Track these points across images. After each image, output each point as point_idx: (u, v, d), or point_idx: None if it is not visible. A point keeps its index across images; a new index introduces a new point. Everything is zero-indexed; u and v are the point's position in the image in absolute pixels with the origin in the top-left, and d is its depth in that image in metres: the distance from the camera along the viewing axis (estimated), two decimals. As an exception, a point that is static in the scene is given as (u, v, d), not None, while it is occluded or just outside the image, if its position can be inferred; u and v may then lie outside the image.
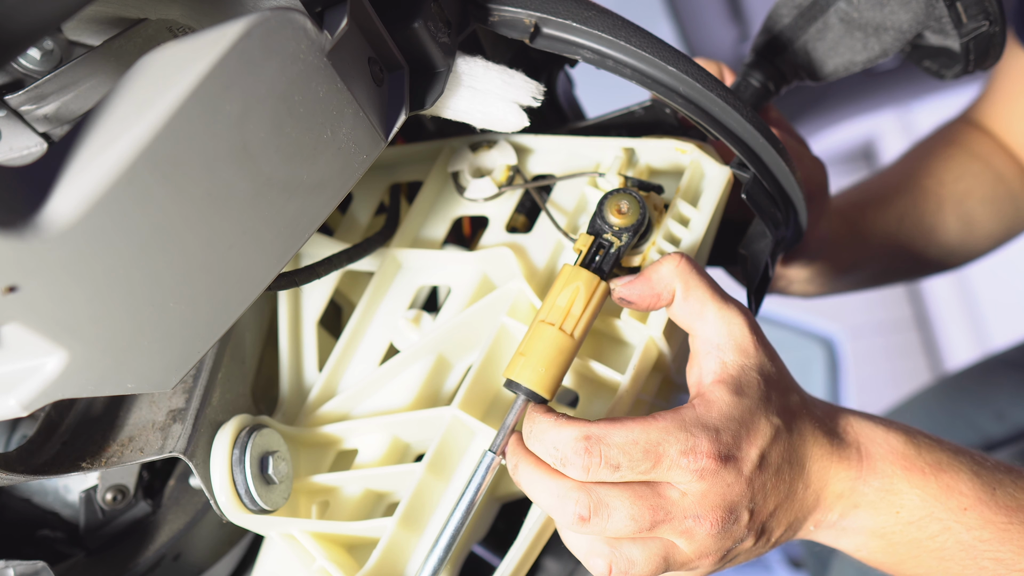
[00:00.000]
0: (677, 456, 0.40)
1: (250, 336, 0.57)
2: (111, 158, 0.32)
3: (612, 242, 0.48)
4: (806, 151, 0.65)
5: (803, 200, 0.54)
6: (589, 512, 0.41)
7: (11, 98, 0.47)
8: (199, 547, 0.56)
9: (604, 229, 0.48)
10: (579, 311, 0.45)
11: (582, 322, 0.45)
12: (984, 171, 0.85)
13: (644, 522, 0.41)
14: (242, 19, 0.35)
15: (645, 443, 0.40)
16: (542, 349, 0.44)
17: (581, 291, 0.46)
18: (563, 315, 0.45)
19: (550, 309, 0.45)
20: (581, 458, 0.40)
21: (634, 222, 0.48)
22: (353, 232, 0.61)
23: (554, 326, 0.45)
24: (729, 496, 0.42)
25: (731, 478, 0.41)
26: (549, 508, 0.42)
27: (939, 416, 1.06)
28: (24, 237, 0.30)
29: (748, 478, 0.42)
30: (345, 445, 0.55)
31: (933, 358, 2.36)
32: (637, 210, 0.48)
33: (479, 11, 0.49)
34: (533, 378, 0.44)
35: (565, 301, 0.45)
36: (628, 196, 0.49)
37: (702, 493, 0.41)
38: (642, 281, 0.46)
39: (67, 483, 0.56)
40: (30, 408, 0.34)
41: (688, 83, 0.48)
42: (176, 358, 0.39)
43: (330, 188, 0.42)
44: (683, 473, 0.41)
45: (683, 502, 0.41)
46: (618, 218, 0.48)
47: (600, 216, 0.48)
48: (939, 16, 0.57)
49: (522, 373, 0.44)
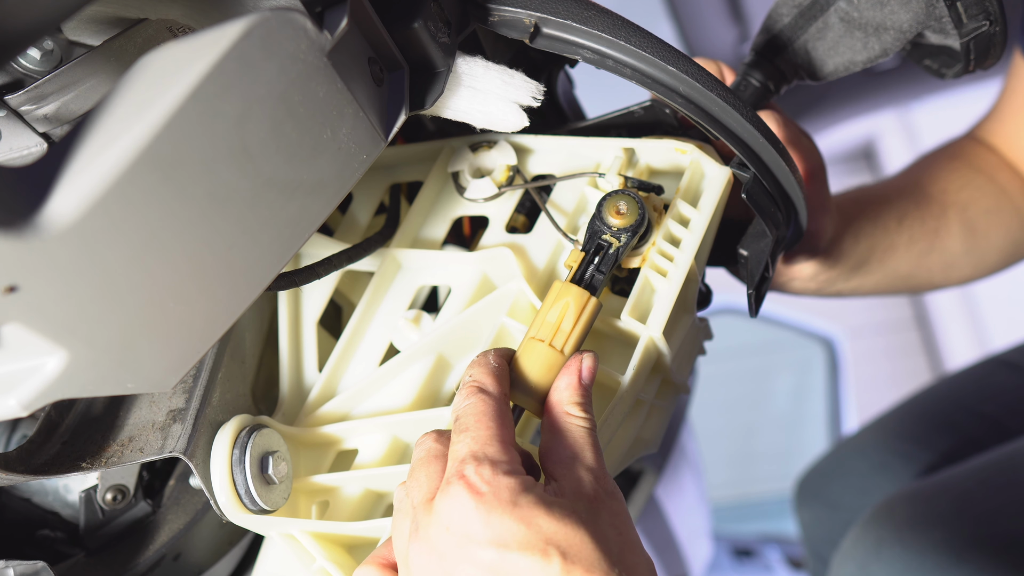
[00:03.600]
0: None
1: (250, 336, 0.57)
2: (111, 158, 0.32)
3: (611, 243, 0.48)
4: (802, 135, 0.64)
5: (803, 200, 0.54)
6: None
7: (11, 98, 0.47)
8: (199, 547, 0.56)
9: (603, 230, 0.48)
10: (569, 327, 0.45)
11: (572, 338, 0.45)
12: (987, 184, 0.84)
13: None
14: (242, 19, 0.35)
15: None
16: (532, 367, 0.44)
17: (571, 307, 0.45)
18: (553, 331, 0.45)
19: (540, 326, 0.45)
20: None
21: (633, 223, 0.48)
22: (353, 232, 0.61)
23: (544, 342, 0.44)
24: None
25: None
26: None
27: (939, 416, 1.06)
28: (24, 237, 0.30)
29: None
30: (345, 445, 0.55)
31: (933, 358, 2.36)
32: (636, 211, 0.48)
33: (479, 11, 0.49)
34: (523, 397, 0.44)
35: (555, 317, 0.45)
36: (627, 197, 0.49)
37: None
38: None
39: (67, 483, 0.56)
40: (30, 408, 0.34)
41: (688, 83, 0.48)
42: (176, 358, 0.39)
43: (330, 188, 0.42)
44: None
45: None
46: (617, 219, 0.48)
47: (599, 217, 0.48)
48: (939, 16, 0.57)
49: (513, 392, 0.44)
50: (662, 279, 0.50)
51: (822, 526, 1.10)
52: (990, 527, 0.84)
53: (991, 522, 0.84)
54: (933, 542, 0.84)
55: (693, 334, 0.56)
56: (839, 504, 1.08)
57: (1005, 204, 0.84)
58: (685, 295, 0.52)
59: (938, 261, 0.82)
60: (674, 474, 1.14)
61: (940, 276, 0.84)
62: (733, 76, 0.63)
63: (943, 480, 0.92)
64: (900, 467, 1.04)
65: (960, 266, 0.84)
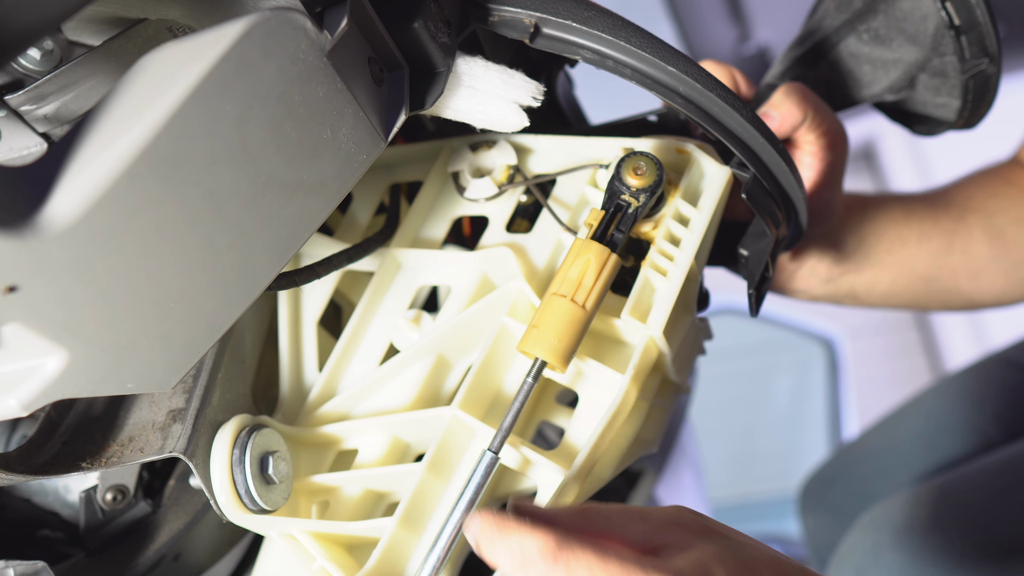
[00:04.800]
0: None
1: (250, 336, 0.57)
2: (111, 158, 0.32)
3: (630, 203, 0.49)
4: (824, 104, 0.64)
5: (803, 199, 0.54)
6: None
7: (11, 98, 0.47)
8: (199, 547, 0.56)
9: (621, 190, 0.49)
10: (590, 283, 0.46)
11: (594, 293, 0.46)
12: (1020, 196, 0.81)
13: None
14: (242, 19, 0.35)
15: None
16: (555, 320, 0.45)
17: (592, 263, 0.46)
18: (575, 287, 0.46)
19: (562, 281, 0.46)
20: (547, 565, 0.37)
21: (652, 183, 0.49)
22: (353, 232, 0.61)
23: (566, 298, 0.45)
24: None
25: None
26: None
27: (939, 416, 1.06)
28: (24, 237, 0.30)
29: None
30: (345, 445, 0.55)
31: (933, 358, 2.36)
32: (655, 171, 0.49)
33: (479, 11, 0.49)
34: (546, 349, 0.45)
35: (576, 273, 0.46)
36: (645, 157, 0.49)
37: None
38: None
39: (67, 483, 0.56)
40: (30, 408, 0.34)
41: (688, 83, 0.48)
42: (176, 358, 0.39)
43: (330, 188, 0.42)
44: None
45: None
46: (635, 179, 0.49)
47: (617, 178, 0.49)
48: (943, 52, 0.58)
49: (535, 344, 0.45)
50: (662, 278, 0.50)
51: (826, 532, 1.10)
52: (989, 532, 0.83)
53: (990, 528, 0.84)
54: (932, 547, 0.84)
55: (693, 334, 0.56)
56: (842, 509, 1.08)
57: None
58: (685, 295, 0.52)
59: (962, 265, 0.80)
60: (674, 474, 1.14)
61: (968, 283, 0.81)
62: (745, 81, 0.63)
63: (942, 484, 0.91)
64: (902, 471, 1.04)
65: (989, 273, 0.81)
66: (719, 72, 0.62)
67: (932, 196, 0.82)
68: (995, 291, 0.83)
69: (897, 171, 2.38)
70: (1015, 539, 0.82)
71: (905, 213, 0.78)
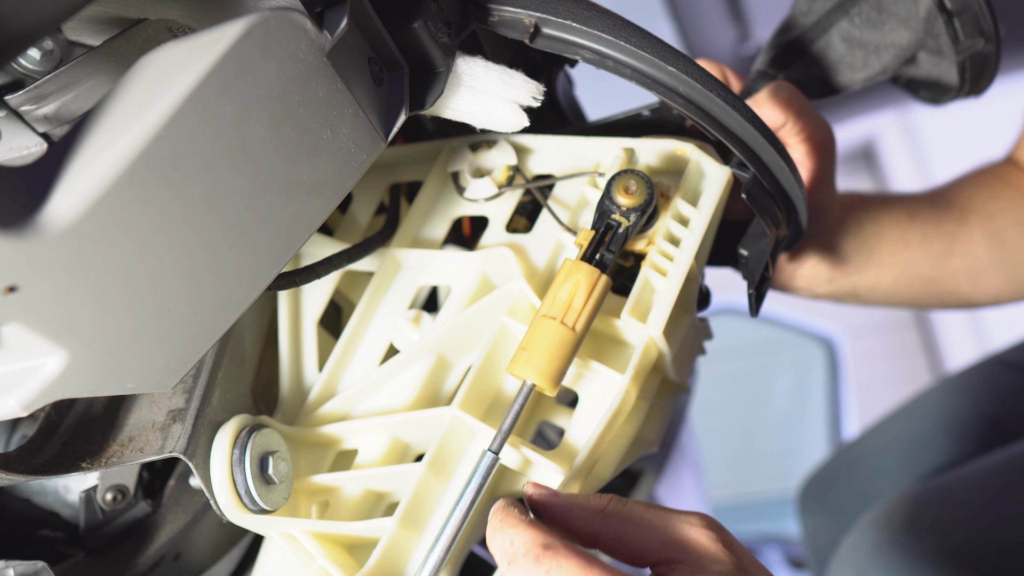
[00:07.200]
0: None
1: (250, 336, 0.57)
2: (111, 158, 0.32)
3: (620, 222, 0.48)
4: (812, 107, 0.64)
5: (803, 199, 0.54)
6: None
7: (11, 98, 0.47)
8: (199, 547, 0.56)
9: (612, 210, 0.48)
10: (580, 304, 0.45)
11: (583, 316, 0.45)
12: (1019, 197, 0.82)
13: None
14: (242, 19, 0.35)
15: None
16: (544, 343, 0.45)
17: (582, 284, 0.46)
18: (564, 309, 0.45)
19: (551, 303, 0.46)
20: (529, 565, 0.38)
21: (642, 202, 0.48)
22: (353, 232, 0.61)
23: (555, 320, 0.45)
24: None
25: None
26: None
27: (939, 417, 1.06)
28: (24, 237, 0.30)
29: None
30: (345, 445, 0.55)
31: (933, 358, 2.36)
32: (645, 190, 0.49)
33: (479, 11, 0.49)
34: (535, 371, 0.44)
35: (566, 295, 0.46)
36: (636, 176, 0.49)
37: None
38: None
39: (67, 483, 0.56)
40: (30, 408, 0.34)
41: (688, 83, 0.48)
42: (176, 358, 0.39)
43: (330, 188, 0.42)
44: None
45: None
46: (626, 198, 0.48)
47: (608, 197, 0.49)
48: (937, 34, 0.58)
49: (525, 367, 0.44)
50: (662, 278, 0.50)
51: (826, 532, 1.10)
52: (990, 533, 0.83)
53: (991, 528, 0.84)
54: (932, 547, 0.84)
55: (693, 334, 0.56)
56: (842, 510, 1.08)
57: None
58: (685, 295, 0.52)
59: (962, 267, 0.80)
60: (674, 474, 1.14)
61: (967, 285, 0.82)
62: (736, 79, 0.63)
63: (942, 485, 0.91)
64: (902, 471, 1.04)
65: (989, 275, 0.82)
66: (711, 70, 0.62)
67: (933, 197, 0.82)
68: (993, 292, 0.84)
69: (897, 171, 2.38)
70: (1015, 539, 0.82)
71: (908, 214, 0.78)
